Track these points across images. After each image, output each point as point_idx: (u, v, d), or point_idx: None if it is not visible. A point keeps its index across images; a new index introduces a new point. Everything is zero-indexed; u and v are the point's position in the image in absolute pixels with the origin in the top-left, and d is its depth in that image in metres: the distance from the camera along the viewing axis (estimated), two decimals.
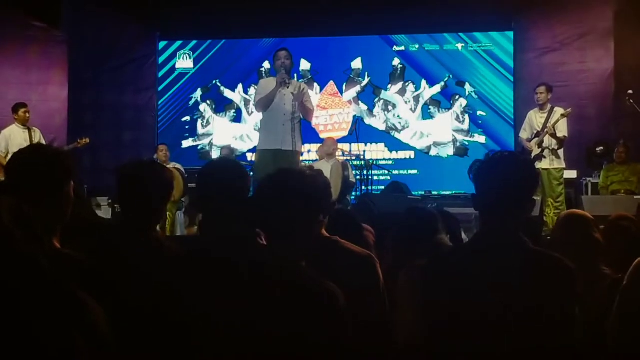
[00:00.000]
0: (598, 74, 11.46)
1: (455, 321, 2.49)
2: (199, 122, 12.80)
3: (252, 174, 6.49)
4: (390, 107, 12.46)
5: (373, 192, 10.26)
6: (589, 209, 7.12)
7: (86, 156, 11.41)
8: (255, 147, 7.96)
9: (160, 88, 12.81)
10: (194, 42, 12.90)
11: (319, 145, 11.43)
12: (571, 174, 10.28)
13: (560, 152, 9.40)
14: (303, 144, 11.66)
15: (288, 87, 7.57)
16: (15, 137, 9.72)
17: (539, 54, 11.82)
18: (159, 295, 2.50)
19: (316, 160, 11.33)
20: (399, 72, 12.48)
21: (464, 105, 12.23)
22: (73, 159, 2.62)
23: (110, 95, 12.53)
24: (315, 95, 12.49)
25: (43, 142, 10.01)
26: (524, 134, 9.80)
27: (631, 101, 9.47)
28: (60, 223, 2.49)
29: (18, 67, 11.76)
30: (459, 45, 12.30)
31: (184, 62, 12.85)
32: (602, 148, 10.81)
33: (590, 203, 8.70)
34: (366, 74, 12.54)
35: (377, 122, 12.46)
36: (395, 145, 12.37)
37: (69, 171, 2.54)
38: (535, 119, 9.62)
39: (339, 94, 12.59)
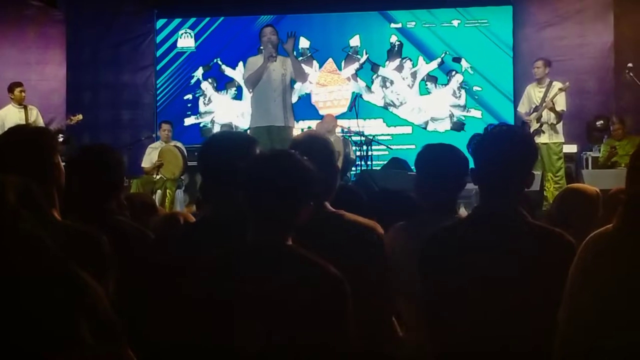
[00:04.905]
0: (598, 48, 11.41)
1: (454, 294, 2.51)
2: (201, 100, 12.78)
3: None
4: (388, 84, 12.44)
5: (372, 167, 10.26)
6: (590, 182, 7.11)
7: (85, 135, 11.41)
8: None
9: (159, 67, 12.76)
10: (192, 20, 12.84)
11: (318, 121, 11.42)
12: (571, 148, 10.29)
13: (559, 126, 9.41)
14: (303, 120, 11.79)
15: (275, 61, 7.67)
16: (11, 117, 9.69)
17: (538, 28, 11.76)
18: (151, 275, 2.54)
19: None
20: (396, 48, 12.45)
21: (460, 81, 12.21)
22: (52, 133, 2.66)
23: (109, 74, 12.49)
24: (314, 72, 12.51)
25: (40, 120, 10.04)
26: (522, 108, 9.81)
27: (631, 74, 9.46)
28: (58, 194, 2.51)
29: (16, 46, 11.74)
30: (457, 21, 12.24)
31: (185, 41, 12.80)
32: (602, 122, 10.79)
33: (590, 177, 8.69)
34: (364, 51, 12.50)
35: (375, 98, 12.44)
36: (393, 120, 12.36)
37: (52, 144, 2.57)
38: (533, 93, 9.62)
39: (338, 71, 12.57)
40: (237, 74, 12.57)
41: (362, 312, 2.45)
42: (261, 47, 8.01)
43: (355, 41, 12.51)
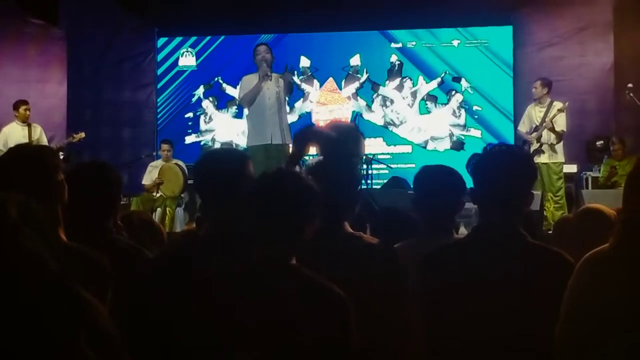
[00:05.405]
0: (598, 68, 11.44)
1: (453, 313, 2.50)
2: (202, 118, 12.82)
3: None
4: (388, 103, 12.47)
5: (372, 186, 10.24)
6: (589, 203, 7.12)
7: (86, 153, 11.41)
8: None
9: (159, 85, 12.79)
10: (193, 39, 12.88)
11: None
12: (571, 168, 10.29)
13: (559, 146, 9.42)
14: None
15: (270, 80, 7.71)
16: (15, 135, 9.74)
17: (538, 48, 11.79)
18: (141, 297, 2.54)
19: (317, 155, 11.31)
20: (396, 68, 12.48)
21: (460, 100, 12.25)
22: (55, 150, 2.68)
23: (110, 92, 12.51)
24: (315, 91, 12.57)
25: (44, 138, 10.12)
26: (522, 128, 9.84)
27: (631, 95, 9.48)
28: (62, 211, 2.51)
29: (16, 64, 11.75)
30: (457, 41, 12.28)
31: (187, 60, 12.83)
32: (602, 142, 10.80)
33: (590, 197, 8.70)
34: (364, 70, 12.54)
35: (375, 117, 12.47)
36: (393, 139, 12.38)
37: (55, 162, 2.58)
38: (534, 113, 9.65)
39: (338, 90, 12.60)
40: (237, 92, 12.61)
41: (378, 333, 2.44)
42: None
43: (355, 60, 12.55)
